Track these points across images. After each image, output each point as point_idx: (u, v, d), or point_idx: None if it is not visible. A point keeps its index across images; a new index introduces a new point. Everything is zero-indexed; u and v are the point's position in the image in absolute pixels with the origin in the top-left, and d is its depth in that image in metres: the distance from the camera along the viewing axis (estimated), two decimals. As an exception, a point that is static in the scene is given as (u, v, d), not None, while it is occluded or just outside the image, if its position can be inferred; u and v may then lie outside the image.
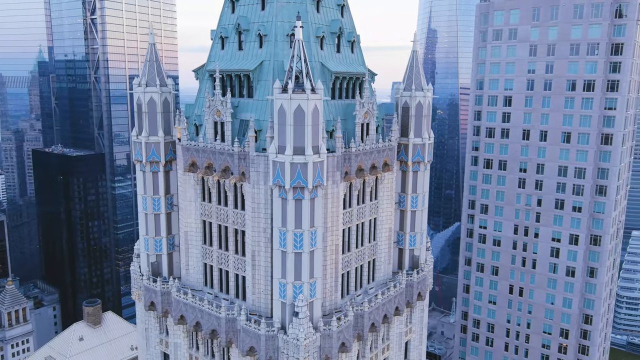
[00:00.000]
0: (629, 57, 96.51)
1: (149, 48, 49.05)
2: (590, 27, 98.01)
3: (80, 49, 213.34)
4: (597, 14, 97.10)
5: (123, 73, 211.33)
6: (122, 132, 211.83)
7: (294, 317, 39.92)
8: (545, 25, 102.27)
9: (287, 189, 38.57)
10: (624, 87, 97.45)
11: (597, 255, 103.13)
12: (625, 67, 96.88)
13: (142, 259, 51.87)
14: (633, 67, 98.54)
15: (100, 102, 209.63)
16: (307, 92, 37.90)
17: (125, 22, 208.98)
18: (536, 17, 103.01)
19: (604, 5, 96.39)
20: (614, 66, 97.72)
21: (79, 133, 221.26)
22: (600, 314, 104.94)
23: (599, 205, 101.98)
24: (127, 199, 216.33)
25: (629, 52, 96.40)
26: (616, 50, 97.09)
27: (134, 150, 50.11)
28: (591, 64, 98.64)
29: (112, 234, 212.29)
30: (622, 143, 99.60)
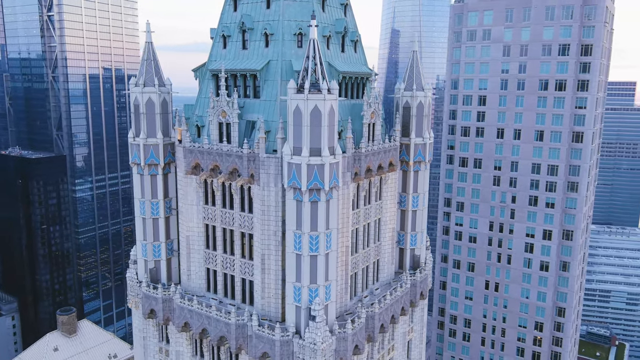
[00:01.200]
0: (598, 57, 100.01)
1: (146, 46, 47.32)
2: (561, 29, 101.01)
3: (37, 47, 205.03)
4: (568, 15, 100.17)
5: (82, 72, 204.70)
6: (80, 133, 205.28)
7: (311, 321, 39.31)
8: (518, 27, 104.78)
9: (303, 191, 37.90)
10: (593, 86, 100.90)
11: (570, 250, 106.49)
12: (594, 68, 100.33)
13: (140, 265, 50.08)
14: (601, 68, 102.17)
15: (58, 102, 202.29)
16: (323, 92, 37.37)
17: (84, 20, 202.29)
18: (509, 18, 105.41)
19: (574, 7, 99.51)
20: (583, 66, 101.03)
21: (36, 134, 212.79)
22: (572, 307, 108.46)
23: (571, 201, 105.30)
24: (87, 202, 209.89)
25: (597, 53, 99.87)
26: (585, 51, 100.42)
27: (131, 152, 48.29)
28: (562, 64, 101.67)
29: (74, 238, 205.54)
30: (591, 141, 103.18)
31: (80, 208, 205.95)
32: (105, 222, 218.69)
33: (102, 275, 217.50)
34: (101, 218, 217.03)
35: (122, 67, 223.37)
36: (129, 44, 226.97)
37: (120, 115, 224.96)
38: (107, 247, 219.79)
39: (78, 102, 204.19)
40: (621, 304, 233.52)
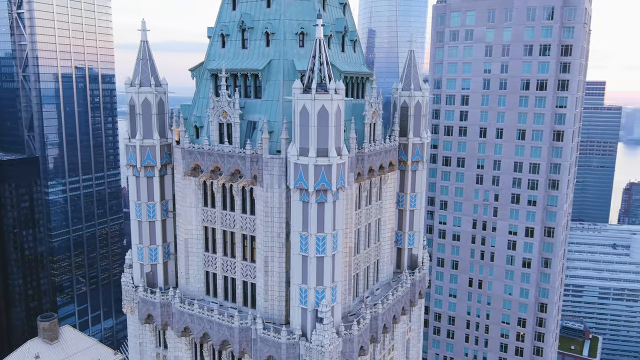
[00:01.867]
0: (577, 58, 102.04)
1: (141, 45, 46.18)
2: (542, 29, 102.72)
3: (6, 45, 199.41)
4: (548, 16, 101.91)
5: (54, 71, 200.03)
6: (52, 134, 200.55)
7: (318, 323, 38.92)
8: (500, 27, 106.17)
9: (310, 192, 37.50)
10: (573, 86, 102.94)
11: (551, 246, 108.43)
12: (574, 68, 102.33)
13: (135, 270, 48.94)
14: (580, 68, 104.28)
15: (29, 102, 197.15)
16: (330, 92, 37.03)
17: (56, 17, 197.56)
18: (491, 18, 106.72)
19: (554, 8, 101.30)
20: (563, 66, 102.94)
21: (7, 135, 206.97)
22: (554, 302, 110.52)
23: (552, 199, 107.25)
24: (61, 205, 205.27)
25: (577, 54, 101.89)
26: (566, 51, 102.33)
27: (126, 154, 47.13)
28: (543, 64, 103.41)
29: (47, 242, 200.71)
30: (571, 139, 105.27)
31: (53, 211, 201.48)
32: (79, 225, 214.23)
33: (76, 279, 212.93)
34: (75, 221, 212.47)
35: (95, 66, 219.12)
36: (102, 42, 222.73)
37: (94, 115, 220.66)
38: (81, 250, 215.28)
39: (50, 102, 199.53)
40: (594, 298, 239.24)
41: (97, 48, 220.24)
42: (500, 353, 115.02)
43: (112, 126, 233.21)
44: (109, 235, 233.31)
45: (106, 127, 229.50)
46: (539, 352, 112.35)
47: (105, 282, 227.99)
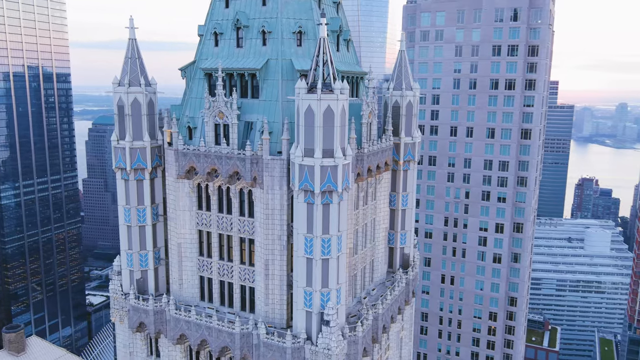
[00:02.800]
0: (544, 58, 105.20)
1: (129, 44, 44.44)
2: (509, 30, 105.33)
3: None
4: (516, 17, 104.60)
5: (5, 70, 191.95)
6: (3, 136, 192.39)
7: (324, 326, 38.40)
8: (469, 27, 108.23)
9: (316, 194, 36.93)
10: (539, 85, 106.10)
11: (520, 242, 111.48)
12: (540, 68, 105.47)
13: (124, 276, 47.13)
14: (546, 68, 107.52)
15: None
16: (336, 92, 36.56)
17: (6, 14, 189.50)
18: (461, 19, 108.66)
19: (521, 9, 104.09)
20: (530, 66, 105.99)
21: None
22: (523, 296, 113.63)
23: (521, 195, 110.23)
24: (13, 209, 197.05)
25: (543, 54, 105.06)
26: (532, 51, 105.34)
27: (114, 156, 45.27)
28: (511, 64, 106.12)
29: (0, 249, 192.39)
30: (538, 137, 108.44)
31: (6, 216, 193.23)
32: (34, 230, 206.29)
33: (32, 286, 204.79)
34: (30, 226, 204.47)
35: (49, 64, 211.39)
36: (56, 40, 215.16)
37: (49, 115, 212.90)
38: (37, 256, 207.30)
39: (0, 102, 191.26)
40: (551, 290, 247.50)
41: (51, 46, 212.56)
42: (472, 347, 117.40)
43: (68, 127, 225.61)
44: (66, 240, 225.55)
45: (62, 128, 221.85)
46: (510, 344, 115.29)
47: (62, 289, 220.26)
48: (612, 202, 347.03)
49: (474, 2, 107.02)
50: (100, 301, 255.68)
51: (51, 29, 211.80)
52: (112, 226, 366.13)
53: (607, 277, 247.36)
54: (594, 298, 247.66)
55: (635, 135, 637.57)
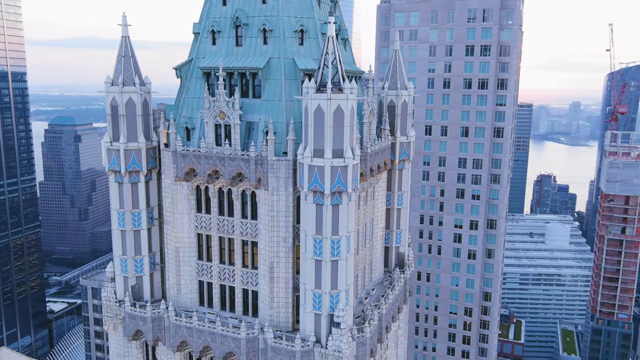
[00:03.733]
0: (515, 58, 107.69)
1: (123, 41, 42.78)
2: (482, 31, 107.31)
3: None
4: (488, 18, 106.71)
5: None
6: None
7: (334, 328, 38.00)
8: (442, 28, 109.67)
9: (326, 195, 36.47)
10: (511, 85, 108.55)
11: (494, 238, 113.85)
12: (512, 67, 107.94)
13: (118, 283, 45.43)
14: (516, 68, 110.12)
15: None
16: (345, 92, 36.20)
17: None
18: (434, 19, 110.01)
19: (493, 10, 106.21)
20: (502, 66, 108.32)
21: None
22: (497, 291, 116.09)
23: (494, 193, 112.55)
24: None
25: (514, 54, 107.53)
26: (504, 52, 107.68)
27: (107, 159, 43.52)
28: (484, 64, 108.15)
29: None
30: (510, 135, 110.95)
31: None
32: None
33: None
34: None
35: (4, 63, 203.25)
36: (11, 38, 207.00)
37: (4, 116, 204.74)
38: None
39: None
40: (515, 284, 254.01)
41: (5, 44, 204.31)
42: (448, 343, 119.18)
43: (25, 128, 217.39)
44: (24, 245, 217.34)
45: (18, 130, 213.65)
46: (485, 339, 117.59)
47: (21, 297, 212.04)
48: (569, 197, 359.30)
49: (447, 2, 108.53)
50: (61, 308, 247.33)
51: (5, 25, 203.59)
52: (71, 230, 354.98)
53: (567, 270, 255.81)
54: (555, 291, 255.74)
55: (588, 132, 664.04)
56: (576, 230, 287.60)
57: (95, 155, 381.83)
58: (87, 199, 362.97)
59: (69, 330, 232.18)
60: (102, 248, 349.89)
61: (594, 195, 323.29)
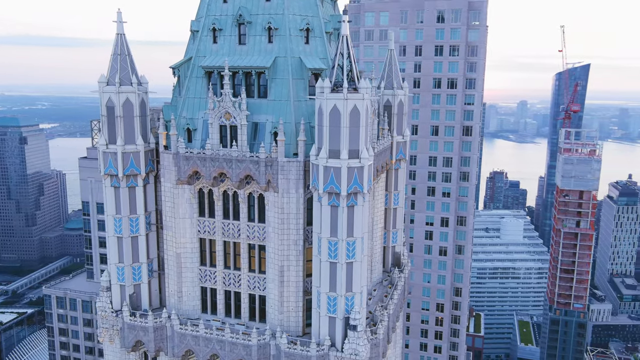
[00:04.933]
0: (482, 58, 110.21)
1: (118, 39, 40.77)
2: (451, 31, 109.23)
3: None
4: (456, 19, 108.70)
5: None
6: None
7: (351, 331, 37.51)
8: (412, 28, 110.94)
9: (342, 196, 35.93)
10: (479, 84, 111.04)
11: (464, 234, 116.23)
12: (479, 67, 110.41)
13: (115, 292, 43.35)
14: (483, 67, 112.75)
15: None
16: (361, 91, 35.77)
17: None
18: (404, 19, 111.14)
19: (461, 11, 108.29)
20: (470, 66, 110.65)
21: None
22: (467, 286, 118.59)
23: (463, 190, 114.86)
24: None
25: (481, 54, 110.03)
26: (472, 52, 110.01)
27: (103, 162, 41.41)
28: (453, 64, 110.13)
29: None
30: (478, 134, 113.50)
31: None
32: None
33: None
34: None
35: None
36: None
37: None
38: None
39: None
40: (473, 278, 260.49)
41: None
42: (421, 339, 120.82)
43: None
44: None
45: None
46: (456, 333, 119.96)
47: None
48: (520, 193, 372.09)
49: (416, 3, 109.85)
50: (10, 319, 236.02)
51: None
52: (17, 237, 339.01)
53: (521, 264, 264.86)
54: (510, 283, 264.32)
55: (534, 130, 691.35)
56: (529, 224, 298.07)
57: (43, 158, 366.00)
58: (35, 203, 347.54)
59: (20, 341, 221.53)
60: (51, 254, 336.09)
61: (544, 190, 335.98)
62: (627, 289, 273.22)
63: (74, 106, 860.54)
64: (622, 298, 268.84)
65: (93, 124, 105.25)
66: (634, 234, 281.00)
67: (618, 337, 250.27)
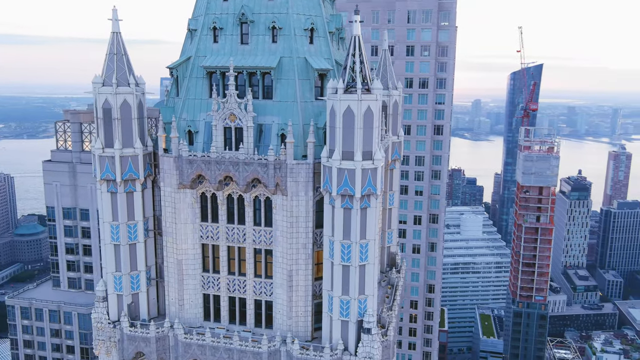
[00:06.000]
0: (452, 58, 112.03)
1: (113, 37, 38.97)
2: (422, 31, 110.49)
3: None
4: (427, 19, 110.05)
5: None
6: None
7: (364, 334, 37.14)
8: (383, 28, 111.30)
9: (356, 198, 35.53)
10: (449, 84, 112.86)
11: (436, 232, 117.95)
12: (449, 67, 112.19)
13: (111, 302, 41.51)
14: (453, 67, 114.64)
15: None
16: (374, 92, 35.46)
17: None
18: (375, 19, 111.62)
19: (431, 12, 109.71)
20: (441, 66, 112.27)
21: None
22: (439, 283, 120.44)
23: (435, 188, 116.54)
24: None
25: (452, 54, 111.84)
26: (442, 52, 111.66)
27: (100, 167, 39.49)
28: (424, 64, 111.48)
29: None
30: (449, 133, 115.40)
31: None
32: None
33: None
34: None
35: None
36: None
37: None
38: None
39: None
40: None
41: None
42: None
43: None
44: None
45: None
46: (429, 329, 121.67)
47: None
48: (477, 189, 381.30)
49: (387, 3, 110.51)
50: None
51: None
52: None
53: (481, 258, 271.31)
54: (471, 278, 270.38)
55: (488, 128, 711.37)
56: (487, 220, 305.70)
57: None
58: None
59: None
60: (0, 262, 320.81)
61: (500, 186, 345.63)
62: (580, 280, 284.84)
63: (22, 106, 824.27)
64: (575, 289, 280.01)
65: (58, 126, 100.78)
66: (585, 227, 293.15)
67: (573, 327, 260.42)
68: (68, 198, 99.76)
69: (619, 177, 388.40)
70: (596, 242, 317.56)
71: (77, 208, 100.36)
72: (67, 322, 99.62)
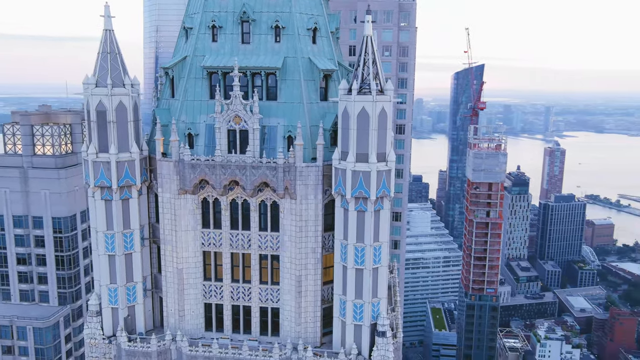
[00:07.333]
0: (413, 58, 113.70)
1: (105, 35, 36.67)
2: (383, 32, 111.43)
3: None
4: (388, 19, 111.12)
5: None
6: None
7: (379, 337, 36.73)
8: (345, 28, 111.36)
9: (370, 200, 35.07)
10: (410, 84, 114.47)
11: (399, 229, 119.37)
12: (410, 67, 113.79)
13: (106, 317, 39.12)
14: (414, 67, 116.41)
15: None
16: (388, 94, 35.13)
17: None
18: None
19: (392, 12, 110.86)
20: (402, 66, 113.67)
21: None
22: (402, 279, 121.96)
23: (398, 187, 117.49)
24: None
25: (412, 54, 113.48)
26: (403, 52, 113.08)
27: (93, 173, 37.04)
28: (386, 64, 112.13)
29: None
30: (410, 132, 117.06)
31: None
32: None
33: None
34: None
35: None
36: None
37: None
38: None
39: None
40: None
41: None
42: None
43: None
44: None
45: None
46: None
47: None
48: (423, 186, 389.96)
49: (349, 3, 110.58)
50: None
51: None
52: None
53: (430, 254, 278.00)
54: (421, 273, 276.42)
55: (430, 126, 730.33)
56: (435, 216, 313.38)
57: None
58: None
59: None
60: None
61: (446, 183, 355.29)
62: (522, 271, 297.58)
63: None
64: (518, 280, 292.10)
65: (6, 128, 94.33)
66: (526, 221, 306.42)
67: (517, 316, 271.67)
68: (19, 205, 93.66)
69: (555, 172, 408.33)
70: (536, 234, 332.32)
71: (29, 216, 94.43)
72: (20, 338, 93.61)
